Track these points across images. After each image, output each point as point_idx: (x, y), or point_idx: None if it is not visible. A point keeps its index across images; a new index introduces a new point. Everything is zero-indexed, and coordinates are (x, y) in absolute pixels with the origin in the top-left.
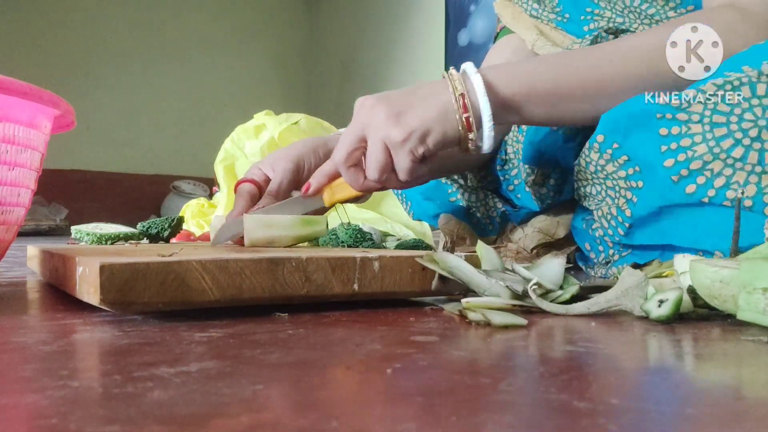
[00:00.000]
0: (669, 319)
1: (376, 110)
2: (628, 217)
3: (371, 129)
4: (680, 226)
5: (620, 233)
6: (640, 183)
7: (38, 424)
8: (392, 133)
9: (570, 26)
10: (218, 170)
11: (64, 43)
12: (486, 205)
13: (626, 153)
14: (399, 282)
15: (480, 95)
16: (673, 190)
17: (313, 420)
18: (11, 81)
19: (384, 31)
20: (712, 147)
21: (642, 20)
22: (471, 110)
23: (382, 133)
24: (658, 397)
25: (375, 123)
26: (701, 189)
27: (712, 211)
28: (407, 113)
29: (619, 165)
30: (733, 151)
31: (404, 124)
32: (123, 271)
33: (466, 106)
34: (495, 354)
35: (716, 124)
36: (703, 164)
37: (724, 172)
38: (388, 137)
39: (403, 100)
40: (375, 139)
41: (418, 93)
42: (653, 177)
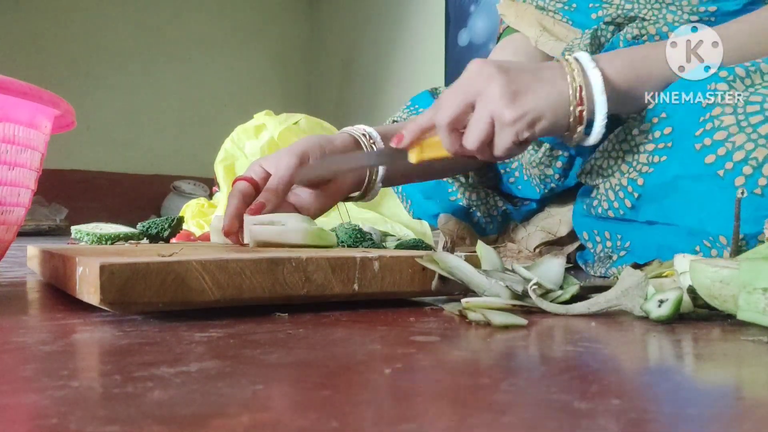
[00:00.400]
0: (669, 319)
1: (494, 82)
2: (640, 186)
3: (483, 99)
4: (688, 204)
5: (627, 205)
6: (664, 158)
7: (38, 424)
8: (504, 111)
9: (577, 15)
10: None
11: (64, 43)
12: (486, 204)
13: (671, 125)
14: (399, 282)
15: (598, 92)
16: (693, 159)
17: (313, 420)
18: (11, 81)
19: (384, 31)
20: (740, 120)
21: (652, 4)
22: (586, 104)
23: (494, 108)
24: (658, 397)
25: (489, 95)
26: (720, 160)
27: (720, 193)
28: (523, 95)
29: (653, 137)
30: (760, 127)
31: (518, 105)
32: (123, 271)
33: (582, 100)
34: (495, 354)
35: (750, 102)
36: (727, 135)
37: (746, 146)
38: (498, 114)
39: (520, 78)
40: (484, 112)
41: (537, 74)
42: (681, 146)
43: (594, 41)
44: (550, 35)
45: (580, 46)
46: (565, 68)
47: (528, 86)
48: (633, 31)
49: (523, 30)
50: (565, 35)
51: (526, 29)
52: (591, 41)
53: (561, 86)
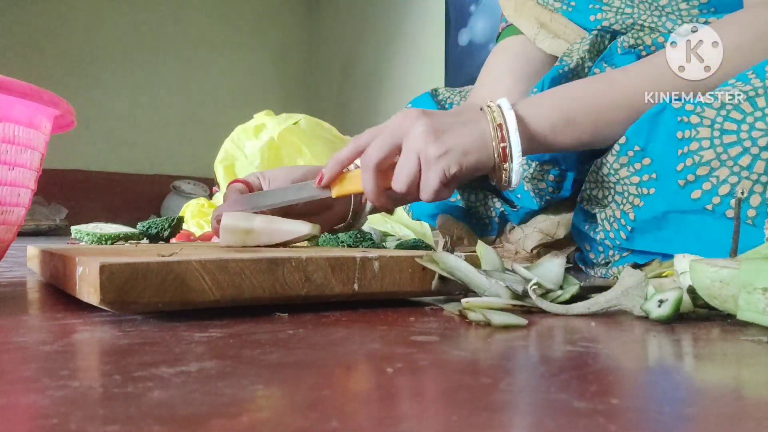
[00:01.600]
0: (669, 319)
1: (418, 123)
2: (632, 221)
3: (409, 139)
4: (682, 235)
5: (622, 237)
6: (652, 190)
7: (38, 424)
8: (430, 148)
9: (576, 15)
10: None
11: (64, 43)
12: (485, 205)
13: (649, 156)
14: (399, 282)
15: (512, 131)
16: (679, 195)
17: (313, 420)
18: (11, 81)
19: (384, 31)
20: (719, 153)
21: (652, 12)
22: (508, 141)
23: (420, 145)
24: (658, 397)
25: (414, 134)
26: (706, 195)
27: (714, 222)
28: (447, 132)
29: (635, 170)
30: (740, 159)
31: (442, 141)
32: (123, 271)
33: (504, 137)
34: (495, 354)
35: (726, 131)
36: (710, 170)
37: (730, 179)
38: (424, 151)
39: (443, 119)
40: (410, 151)
41: (459, 117)
42: (665, 181)
43: (593, 47)
44: (547, 32)
45: (579, 51)
46: (486, 111)
47: (451, 125)
48: (629, 40)
49: (521, 26)
50: (563, 32)
51: (524, 25)
52: (590, 47)
53: (482, 125)
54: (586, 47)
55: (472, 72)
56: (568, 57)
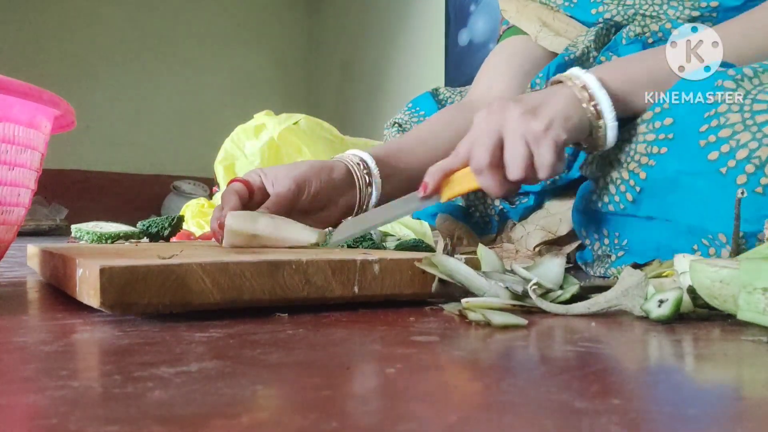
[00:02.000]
0: (669, 319)
1: (510, 109)
2: (642, 180)
3: (509, 126)
4: (689, 201)
5: (628, 199)
6: (664, 149)
7: (38, 424)
8: (532, 125)
9: (577, 11)
10: (218, 170)
11: (64, 43)
12: (484, 204)
13: (672, 116)
14: (399, 284)
15: (596, 88)
16: (696, 156)
17: (313, 420)
18: (11, 81)
19: (384, 31)
20: (746, 118)
21: (654, 1)
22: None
23: (522, 127)
24: (658, 397)
25: (512, 119)
26: (723, 157)
27: (722, 190)
28: (541, 107)
29: (653, 128)
30: (765, 126)
31: (542, 115)
32: (123, 274)
33: (591, 96)
34: (495, 354)
35: (758, 101)
36: (732, 133)
37: (750, 144)
38: (528, 130)
39: (530, 99)
40: (515, 136)
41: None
42: (684, 141)
43: (598, 39)
44: (549, 30)
45: (584, 42)
46: (564, 81)
47: (540, 101)
48: (636, 29)
49: (523, 26)
50: (565, 30)
51: (526, 25)
52: (596, 38)
53: (567, 92)
54: (591, 38)
55: (472, 72)
56: (573, 47)
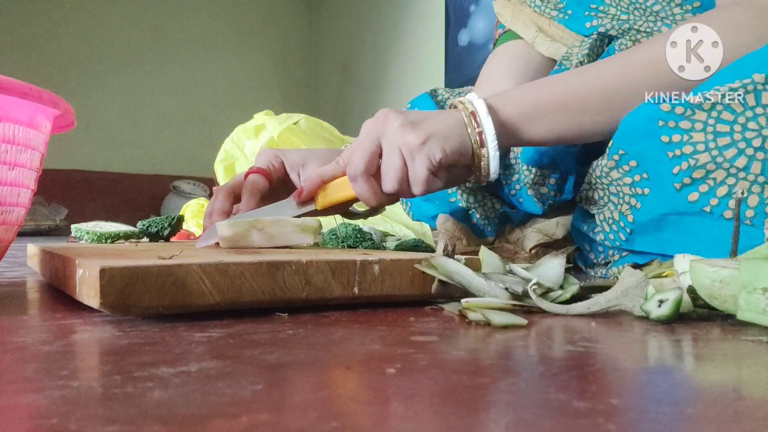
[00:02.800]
0: (669, 319)
1: (391, 119)
2: (630, 223)
3: (387, 136)
4: (681, 236)
5: (621, 238)
6: (646, 190)
7: (38, 424)
8: (409, 137)
9: (572, 23)
10: (218, 170)
11: (64, 43)
12: (485, 206)
13: (634, 159)
14: (399, 285)
15: (483, 115)
16: (676, 198)
17: (313, 420)
18: (11, 81)
19: (384, 31)
20: (714, 156)
21: (647, 17)
22: (482, 126)
23: (399, 139)
24: (658, 397)
25: (391, 130)
26: (703, 197)
27: (713, 224)
28: (424, 122)
29: (624, 171)
30: (736, 161)
31: (421, 129)
32: (123, 275)
33: (478, 123)
34: (495, 354)
35: (719, 134)
36: (706, 173)
37: (727, 181)
38: (405, 143)
39: (418, 114)
40: (392, 146)
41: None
42: (660, 183)
43: (592, 51)
44: (545, 36)
45: (578, 55)
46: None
47: (426, 116)
48: (627, 42)
49: (519, 30)
50: (561, 36)
51: (522, 30)
52: (589, 51)
53: (454, 114)
54: (585, 51)
55: (472, 72)
56: (567, 60)
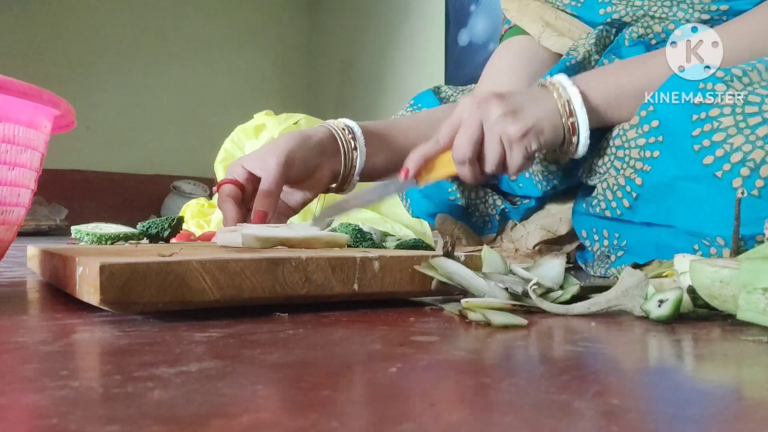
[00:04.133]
0: (669, 319)
1: (492, 106)
2: (638, 186)
3: (489, 123)
4: (686, 206)
5: (624, 205)
6: (656, 153)
7: (38, 424)
8: (510, 128)
9: (584, 11)
10: (218, 170)
11: (64, 43)
12: (485, 203)
13: (658, 118)
14: (399, 282)
15: (578, 106)
16: (691, 160)
17: (313, 420)
18: (11, 81)
19: (384, 31)
20: (738, 121)
21: (663, 2)
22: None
23: (501, 127)
24: (658, 397)
25: (493, 117)
26: (718, 161)
27: (719, 193)
28: (522, 112)
29: (643, 132)
30: (758, 129)
31: (520, 121)
32: (123, 272)
33: (571, 112)
34: (495, 354)
35: (749, 103)
36: (725, 137)
37: (744, 147)
38: (506, 132)
39: (514, 99)
40: (494, 134)
41: (527, 95)
42: (676, 146)
43: (599, 41)
44: (552, 30)
45: (585, 45)
46: (549, 88)
47: (523, 104)
48: (639, 30)
49: (525, 26)
50: (568, 29)
51: (528, 25)
52: (596, 41)
53: (550, 102)
54: (592, 41)
55: (472, 72)
56: (574, 51)
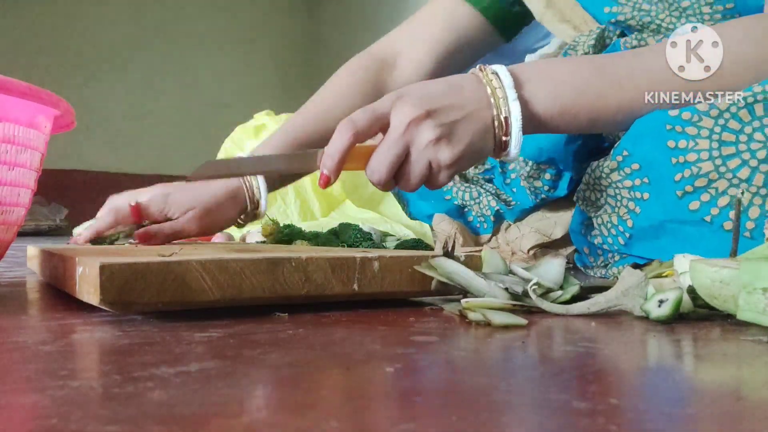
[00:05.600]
0: (669, 319)
1: (424, 131)
2: (630, 228)
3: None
4: (679, 245)
5: (620, 242)
6: (646, 195)
7: (38, 424)
8: (443, 156)
9: (590, 4)
10: None
11: (64, 43)
12: (479, 204)
13: (637, 161)
14: (399, 282)
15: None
16: (677, 206)
17: (313, 420)
18: (11, 81)
19: (384, 31)
20: (718, 165)
21: (672, 11)
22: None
23: (431, 154)
24: (658, 397)
25: (423, 143)
26: (704, 207)
27: (712, 234)
28: (455, 135)
29: (625, 174)
30: (739, 172)
31: (454, 147)
32: (123, 272)
33: (507, 130)
34: (495, 354)
35: (725, 143)
36: (708, 182)
37: (729, 191)
38: (437, 159)
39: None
40: (422, 158)
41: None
42: (661, 190)
43: (599, 42)
44: (554, 13)
45: (584, 45)
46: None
47: (457, 127)
48: (632, 42)
49: (527, 2)
50: (569, 14)
51: (530, 1)
52: (596, 42)
53: (486, 118)
54: (592, 42)
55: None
56: (572, 50)
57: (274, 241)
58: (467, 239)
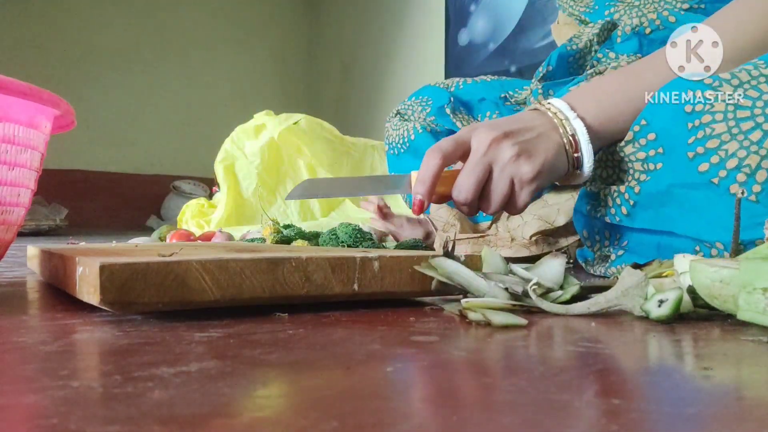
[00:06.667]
0: (669, 319)
1: (504, 149)
2: (636, 194)
3: (500, 164)
4: (684, 213)
5: (623, 212)
6: (659, 165)
7: (38, 424)
8: (524, 170)
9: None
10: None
11: (64, 43)
12: None
13: (654, 131)
14: (399, 282)
15: (584, 142)
16: (687, 168)
17: (313, 420)
18: (11, 81)
19: (384, 31)
20: (731, 127)
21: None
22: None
23: (513, 170)
24: (658, 397)
25: (504, 159)
26: (713, 168)
27: (717, 199)
28: (533, 151)
29: (639, 146)
30: (751, 134)
31: (534, 162)
32: (123, 272)
33: (576, 147)
34: (495, 354)
35: (741, 107)
36: (720, 143)
37: (738, 153)
38: (519, 174)
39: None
40: (504, 175)
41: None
42: (674, 154)
43: (602, 33)
44: None
45: (588, 35)
46: (552, 119)
47: (533, 144)
48: (633, 20)
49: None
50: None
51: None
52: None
53: (556, 138)
54: (596, 31)
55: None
56: (577, 39)
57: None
58: (465, 227)
